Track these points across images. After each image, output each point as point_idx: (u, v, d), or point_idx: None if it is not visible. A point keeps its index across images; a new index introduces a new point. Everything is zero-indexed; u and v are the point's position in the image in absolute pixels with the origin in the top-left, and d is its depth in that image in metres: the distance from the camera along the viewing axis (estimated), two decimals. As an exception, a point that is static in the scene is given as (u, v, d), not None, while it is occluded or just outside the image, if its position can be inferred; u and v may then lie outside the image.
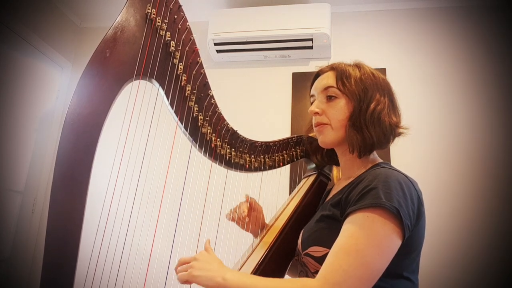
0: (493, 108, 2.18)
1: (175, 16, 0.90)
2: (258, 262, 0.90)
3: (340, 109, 0.90)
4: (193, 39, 0.93)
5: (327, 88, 0.93)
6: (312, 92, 0.99)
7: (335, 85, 0.91)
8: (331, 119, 0.91)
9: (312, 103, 0.98)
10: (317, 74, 1.00)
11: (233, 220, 1.10)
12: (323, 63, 1.01)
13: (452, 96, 2.24)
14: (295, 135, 1.15)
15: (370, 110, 0.87)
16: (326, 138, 0.93)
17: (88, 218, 0.72)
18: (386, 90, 0.91)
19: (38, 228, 2.47)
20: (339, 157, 1.00)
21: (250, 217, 1.10)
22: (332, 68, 0.96)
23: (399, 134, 0.93)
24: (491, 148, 2.12)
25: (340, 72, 0.92)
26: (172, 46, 0.89)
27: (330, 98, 0.92)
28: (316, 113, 0.93)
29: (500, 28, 2.29)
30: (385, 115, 0.88)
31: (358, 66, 0.94)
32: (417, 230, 0.78)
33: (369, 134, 0.87)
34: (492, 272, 1.95)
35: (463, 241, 2.02)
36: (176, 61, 0.90)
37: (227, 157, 1.02)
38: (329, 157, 1.09)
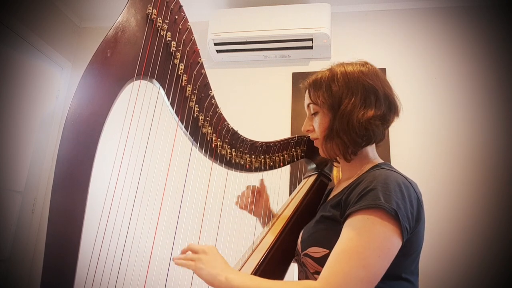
0: (493, 108, 2.18)
1: (176, 17, 0.90)
2: (259, 262, 0.90)
3: (320, 122, 0.93)
4: (194, 39, 0.93)
5: (308, 105, 0.97)
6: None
7: (310, 101, 0.95)
8: (318, 134, 0.95)
9: None
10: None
11: (244, 207, 1.16)
12: (323, 63, 1.01)
13: (452, 96, 2.25)
14: (296, 136, 1.15)
15: (339, 116, 0.88)
16: (321, 151, 0.96)
17: (89, 218, 0.72)
18: (360, 86, 0.88)
19: (38, 228, 2.47)
20: (339, 160, 1.00)
21: (257, 204, 1.16)
22: (309, 83, 0.97)
23: (385, 123, 0.90)
24: (491, 147, 2.12)
25: (311, 86, 0.95)
26: (173, 47, 0.89)
27: (313, 114, 0.96)
28: (308, 130, 0.98)
29: (500, 28, 2.29)
30: (355, 115, 0.86)
31: (330, 70, 0.94)
32: (416, 231, 0.78)
33: (342, 141, 0.87)
34: (492, 273, 1.95)
35: (463, 241, 2.02)
36: (176, 61, 0.90)
37: (228, 157, 1.02)
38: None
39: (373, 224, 0.72)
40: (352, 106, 0.87)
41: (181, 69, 0.91)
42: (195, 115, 0.95)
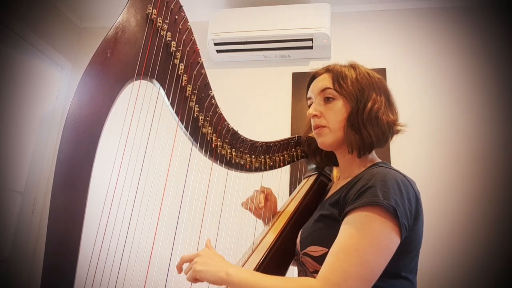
0: (493, 108, 2.18)
1: (176, 17, 0.90)
2: (259, 262, 0.90)
3: (338, 110, 0.91)
4: (194, 39, 0.93)
5: (324, 90, 0.93)
6: (309, 94, 0.99)
7: (331, 87, 0.92)
8: (329, 121, 0.92)
9: (309, 106, 0.98)
10: (313, 77, 1.00)
11: (250, 210, 1.14)
12: (323, 63, 1.01)
13: (452, 96, 2.25)
14: (296, 136, 1.15)
15: (367, 109, 0.88)
16: (325, 140, 0.93)
17: (89, 218, 0.72)
18: (382, 89, 0.92)
19: (38, 228, 2.47)
20: (338, 158, 1.00)
21: (266, 208, 1.13)
22: (327, 70, 0.96)
23: (397, 131, 0.93)
24: (491, 147, 2.12)
25: (336, 74, 0.93)
26: (173, 47, 0.89)
27: (327, 100, 0.93)
28: (315, 115, 0.93)
29: (500, 28, 2.29)
30: (382, 113, 0.88)
31: (353, 66, 0.95)
32: (415, 229, 0.78)
33: (368, 133, 0.87)
34: (491, 272, 1.95)
35: (462, 240, 2.02)
36: (177, 61, 0.90)
37: (228, 157, 1.02)
38: (328, 158, 1.09)
39: (371, 222, 0.72)
40: (380, 104, 0.89)
41: (181, 69, 0.91)
42: (195, 115, 0.95)
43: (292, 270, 1.03)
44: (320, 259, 0.78)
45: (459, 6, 2.38)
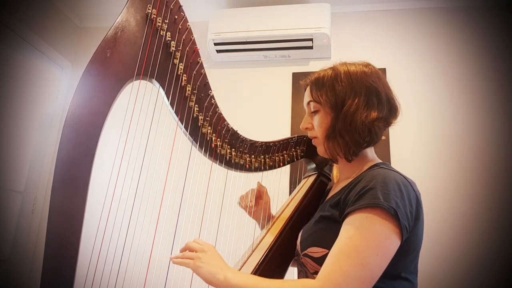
0: (493, 108, 2.18)
1: (176, 17, 0.90)
2: (258, 263, 0.90)
3: (321, 121, 0.92)
4: (194, 39, 0.93)
5: (308, 103, 0.96)
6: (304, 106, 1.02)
7: (312, 99, 0.94)
8: (317, 132, 0.94)
9: None
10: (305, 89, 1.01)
11: (245, 208, 1.15)
12: (323, 63, 1.01)
13: (452, 96, 2.25)
14: (295, 136, 1.15)
15: (342, 116, 0.87)
16: (319, 150, 0.97)
17: (88, 218, 0.72)
18: (363, 87, 0.88)
19: (38, 228, 2.47)
20: (338, 159, 1.00)
21: (257, 206, 1.15)
22: (309, 81, 0.97)
23: (388, 124, 0.91)
24: (491, 147, 2.12)
25: (314, 84, 0.94)
26: (173, 46, 0.89)
27: (314, 112, 0.95)
28: (307, 128, 0.97)
29: (500, 28, 2.29)
30: (358, 116, 0.86)
31: (333, 69, 0.93)
32: (415, 231, 0.78)
33: (344, 141, 0.87)
34: (491, 273, 1.95)
35: (462, 241, 2.02)
36: (176, 61, 0.90)
37: (227, 157, 1.02)
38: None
39: (372, 223, 0.72)
40: (356, 107, 0.86)
41: (181, 69, 0.91)
42: (194, 115, 0.95)
43: (292, 270, 1.03)
44: (321, 260, 0.78)
45: (459, 6, 2.38)
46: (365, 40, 2.44)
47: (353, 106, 0.87)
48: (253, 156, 1.06)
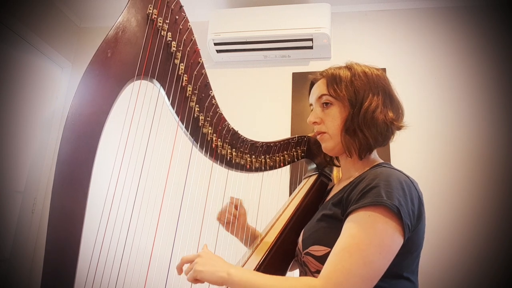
0: (493, 107, 2.18)
1: (176, 17, 0.90)
2: (259, 263, 0.90)
3: (335, 115, 0.92)
4: (194, 39, 0.93)
5: (320, 96, 0.95)
6: (310, 101, 1.01)
7: (327, 92, 0.93)
8: (328, 127, 0.93)
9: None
10: (312, 83, 1.01)
11: (225, 222, 1.11)
12: (323, 63, 1.01)
13: (452, 96, 2.25)
14: (296, 136, 1.15)
15: (362, 112, 0.87)
16: (327, 145, 0.95)
17: (89, 218, 0.72)
18: (380, 87, 0.91)
19: (38, 228, 2.47)
20: (340, 159, 1.01)
21: (239, 221, 1.12)
22: (323, 75, 0.97)
23: (399, 128, 0.92)
24: (491, 147, 2.12)
25: (330, 78, 0.93)
26: (173, 47, 0.89)
27: (325, 106, 0.94)
28: (315, 122, 0.95)
29: (500, 28, 2.29)
30: (379, 113, 0.88)
31: (348, 67, 0.94)
32: (417, 230, 0.78)
33: (364, 136, 0.87)
34: (492, 272, 1.95)
35: (463, 240, 2.02)
36: (177, 61, 0.90)
37: (228, 158, 1.02)
38: (331, 158, 1.10)
39: (375, 221, 0.72)
40: (376, 104, 0.88)
41: (182, 69, 0.91)
42: (195, 115, 0.95)
43: (292, 273, 1.03)
44: (323, 259, 0.78)
45: (459, 6, 2.38)
46: (365, 40, 2.44)
47: (374, 102, 0.88)
48: (253, 156, 1.06)
